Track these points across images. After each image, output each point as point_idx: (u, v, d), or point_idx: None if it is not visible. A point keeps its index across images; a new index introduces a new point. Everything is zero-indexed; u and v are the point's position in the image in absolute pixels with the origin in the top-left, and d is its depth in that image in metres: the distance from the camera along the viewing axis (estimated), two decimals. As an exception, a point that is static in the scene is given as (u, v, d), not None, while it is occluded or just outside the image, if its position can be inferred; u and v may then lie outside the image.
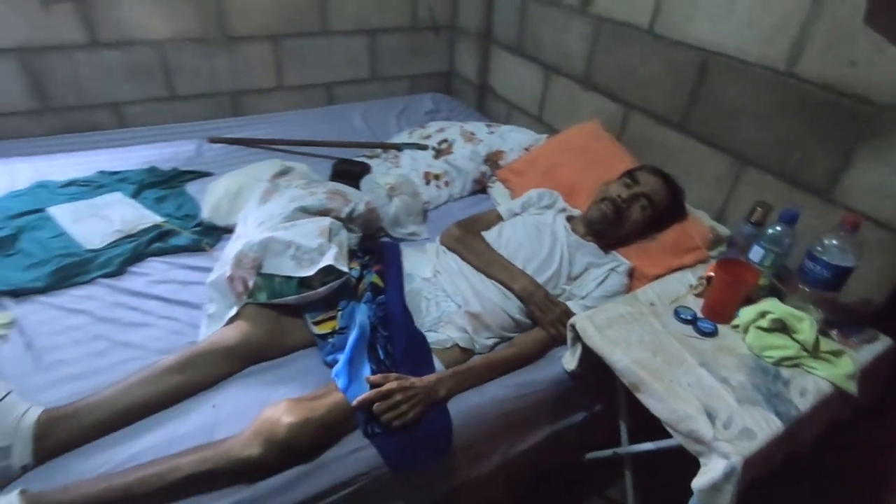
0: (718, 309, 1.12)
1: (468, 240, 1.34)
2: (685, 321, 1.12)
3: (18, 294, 1.21)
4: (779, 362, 1.03)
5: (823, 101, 1.15)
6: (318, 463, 0.93)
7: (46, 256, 1.31)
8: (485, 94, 2.39)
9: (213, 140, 1.94)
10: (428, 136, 1.84)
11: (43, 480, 0.85)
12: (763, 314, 1.05)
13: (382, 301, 1.19)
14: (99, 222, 1.45)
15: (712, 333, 1.10)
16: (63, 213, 1.46)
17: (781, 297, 1.11)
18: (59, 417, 0.92)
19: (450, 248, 1.35)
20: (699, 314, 1.14)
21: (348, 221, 1.37)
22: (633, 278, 1.33)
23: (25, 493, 0.81)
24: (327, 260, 1.17)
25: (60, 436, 0.91)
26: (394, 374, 1.03)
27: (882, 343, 1.12)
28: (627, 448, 1.18)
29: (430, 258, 1.35)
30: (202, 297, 1.23)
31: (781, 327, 1.04)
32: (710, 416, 0.92)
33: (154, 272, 1.33)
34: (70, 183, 1.62)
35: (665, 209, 1.37)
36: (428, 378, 1.06)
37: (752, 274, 1.09)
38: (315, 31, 2.16)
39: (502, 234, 1.37)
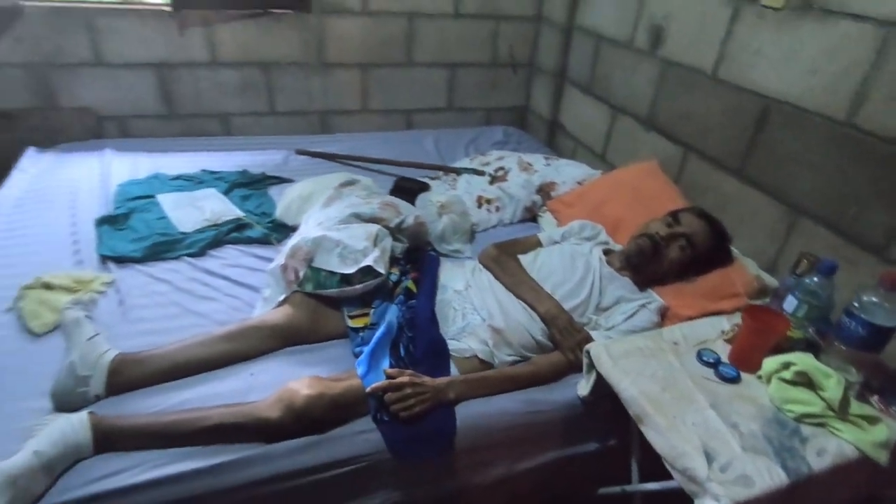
0: (743, 356, 1.09)
1: (503, 260, 1.41)
2: (706, 363, 1.10)
3: (121, 261, 1.45)
4: (801, 418, 0.98)
5: (885, 153, 1.10)
6: (327, 436, 1.03)
7: (148, 233, 1.56)
8: (555, 130, 2.46)
9: (299, 152, 2.18)
10: (487, 164, 1.94)
11: (107, 409, 1.02)
12: (787, 365, 1.01)
13: (412, 305, 1.29)
14: (193, 211, 1.70)
15: (734, 380, 1.07)
16: (167, 201, 1.73)
17: (817, 353, 1.06)
18: (129, 361, 1.10)
19: (485, 267, 1.42)
20: (724, 359, 1.11)
21: (396, 231, 1.49)
22: (665, 318, 1.32)
23: (92, 415, 0.98)
24: (368, 261, 1.29)
25: (128, 376, 1.09)
26: (409, 371, 1.11)
27: (934, 417, 1.02)
28: (636, 486, 1.16)
29: (466, 273, 1.43)
30: (262, 282, 1.40)
31: (807, 382, 0.99)
32: (709, 457, 0.90)
33: (228, 257, 1.53)
34: (178, 177, 1.91)
35: (707, 252, 1.35)
36: (440, 380, 1.13)
37: (781, 323, 1.05)
38: (400, 62, 2.37)
39: (537, 259, 1.42)
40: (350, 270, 1.29)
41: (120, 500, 0.90)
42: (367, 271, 1.30)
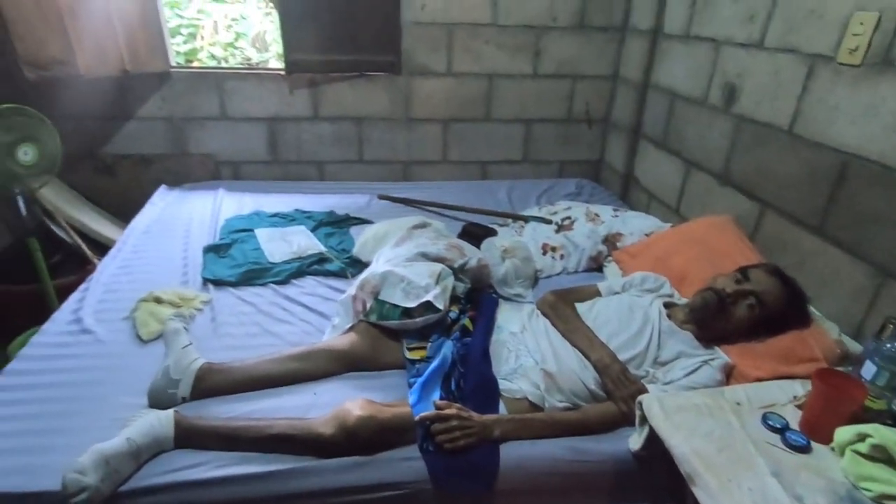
0: (813, 423, 1.01)
1: (560, 306, 1.42)
2: (772, 428, 1.03)
3: (218, 284, 1.66)
4: (879, 499, 0.88)
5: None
6: (374, 458, 1.08)
7: (243, 262, 1.77)
8: (629, 184, 2.46)
9: (381, 197, 2.37)
10: (555, 213, 1.99)
11: (189, 411, 1.16)
12: (863, 437, 0.92)
13: (467, 342, 1.34)
14: (283, 244, 1.90)
15: (803, 449, 0.99)
16: (263, 234, 1.95)
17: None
18: (213, 370, 1.25)
19: (542, 313, 1.45)
20: (794, 426, 1.04)
21: (459, 271, 1.57)
22: (731, 378, 1.25)
23: (177, 413, 1.12)
24: (428, 297, 1.37)
25: (210, 383, 1.23)
26: (457, 405, 1.16)
27: None
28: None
29: (523, 317, 1.46)
30: (333, 311, 1.53)
31: (887, 459, 0.90)
32: (763, 527, 0.84)
33: (307, 286, 1.69)
34: (275, 214, 2.15)
35: (779, 312, 1.27)
36: (487, 416, 1.16)
37: (856, 389, 0.97)
38: (479, 118, 2.53)
39: (594, 307, 1.42)
40: (412, 304, 1.37)
41: (189, 492, 1.02)
42: (428, 306, 1.38)
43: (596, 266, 1.81)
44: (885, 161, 1.20)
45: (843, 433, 0.95)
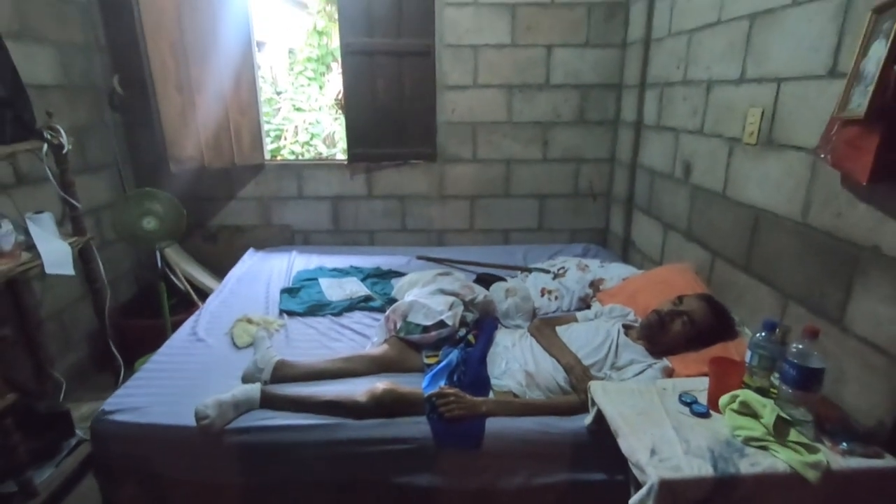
0: (711, 397, 1.36)
1: (543, 328, 1.85)
2: (684, 403, 1.39)
3: (291, 314, 2.21)
4: (747, 441, 1.22)
5: (825, 244, 1.40)
6: (393, 420, 1.52)
7: (308, 300, 2.32)
8: (628, 247, 2.89)
9: (419, 257, 2.92)
10: (553, 265, 2.45)
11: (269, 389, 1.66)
12: (735, 399, 1.27)
13: (469, 351, 1.78)
14: (339, 289, 2.45)
15: (704, 415, 1.34)
16: (324, 282, 2.53)
17: (767, 395, 1.29)
18: (286, 364, 1.75)
19: (530, 333, 1.88)
20: (702, 402, 1.39)
21: (469, 304, 2.04)
22: (670, 378, 1.60)
23: (263, 385, 1.61)
24: (441, 317, 1.85)
25: (283, 373, 1.72)
26: (455, 388, 1.59)
27: (887, 462, 1.16)
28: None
29: (515, 337, 1.89)
30: (372, 333, 2.03)
31: (752, 413, 1.24)
32: (653, 452, 1.20)
33: (355, 317, 2.20)
34: (334, 269, 2.74)
35: (707, 327, 1.65)
36: (477, 398, 1.57)
37: (738, 367, 1.33)
38: (500, 194, 3.11)
39: (570, 328, 1.84)
40: (429, 323, 1.85)
41: (268, 433, 1.49)
42: (441, 325, 1.85)
43: (585, 306, 2.21)
44: (777, 212, 1.61)
45: (725, 398, 1.31)
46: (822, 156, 1.35)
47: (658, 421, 1.32)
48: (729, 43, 1.87)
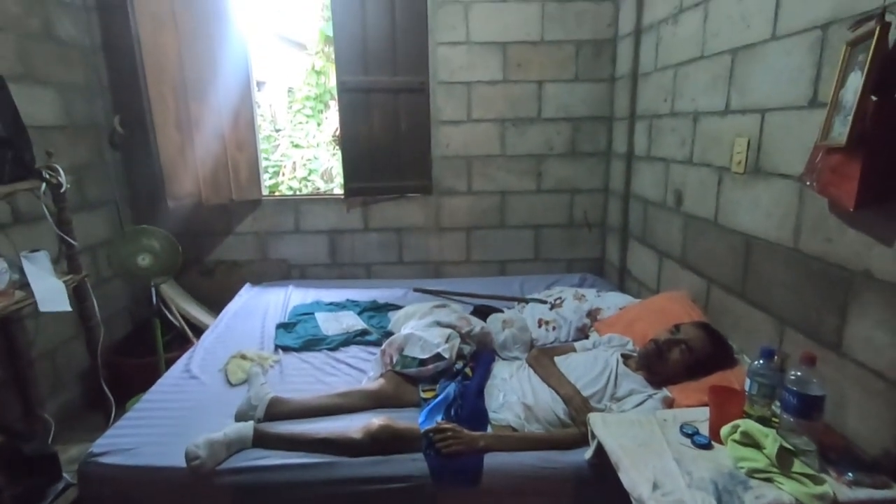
0: (712, 427, 1.33)
1: (541, 358, 1.83)
2: (686, 434, 1.36)
3: (286, 349, 2.19)
4: (751, 473, 1.19)
5: (818, 269, 1.40)
6: (389, 458, 1.48)
7: (305, 335, 2.31)
8: (624, 276, 2.89)
9: (416, 289, 2.91)
10: (550, 295, 2.44)
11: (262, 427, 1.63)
12: (737, 429, 1.24)
13: (466, 384, 1.76)
14: (335, 323, 2.44)
15: (705, 446, 1.31)
16: (321, 316, 2.51)
17: (769, 424, 1.27)
18: (280, 401, 1.72)
19: (529, 364, 1.86)
20: (703, 433, 1.36)
21: (466, 337, 2.02)
22: (671, 408, 1.58)
23: (255, 423, 1.58)
24: (437, 349, 1.83)
25: (278, 410, 1.69)
26: (453, 423, 1.56)
27: (894, 492, 1.13)
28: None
29: (512, 368, 1.87)
30: (368, 367, 2.00)
31: (754, 443, 1.22)
32: (655, 486, 1.17)
33: (351, 351, 2.18)
34: (330, 303, 2.72)
35: (706, 356, 1.63)
36: (475, 433, 1.54)
37: (738, 396, 1.31)
38: (495, 225, 3.13)
39: (568, 359, 1.82)
40: (426, 356, 1.83)
41: (260, 474, 1.45)
42: (438, 357, 1.83)
43: (583, 336, 2.20)
44: (769, 238, 1.62)
45: (726, 428, 1.28)
46: (808, 183, 1.38)
47: (659, 453, 1.30)
48: (713, 76, 1.93)
